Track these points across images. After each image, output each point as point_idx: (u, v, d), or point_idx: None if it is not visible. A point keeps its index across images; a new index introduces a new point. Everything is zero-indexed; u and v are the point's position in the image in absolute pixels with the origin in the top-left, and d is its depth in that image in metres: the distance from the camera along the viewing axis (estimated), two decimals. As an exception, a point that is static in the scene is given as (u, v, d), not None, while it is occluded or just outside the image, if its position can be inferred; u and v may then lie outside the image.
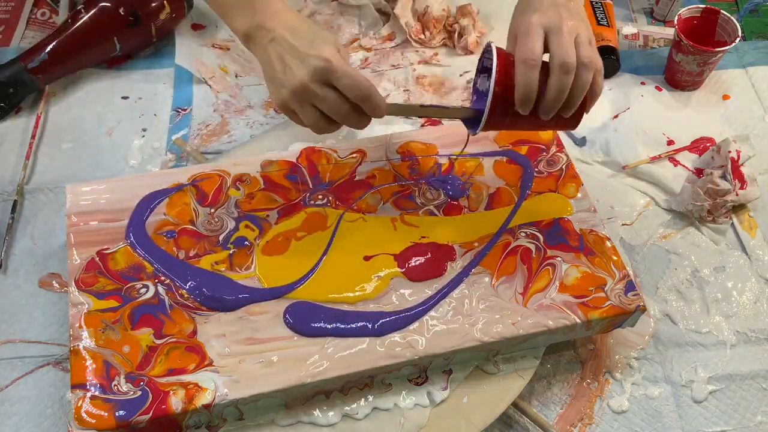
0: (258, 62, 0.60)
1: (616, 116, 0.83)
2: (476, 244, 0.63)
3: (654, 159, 0.79)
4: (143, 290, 0.59)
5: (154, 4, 0.84)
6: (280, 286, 0.60)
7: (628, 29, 0.95)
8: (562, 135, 0.80)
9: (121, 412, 0.52)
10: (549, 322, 0.59)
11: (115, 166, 0.79)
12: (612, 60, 0.87)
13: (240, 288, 0.60)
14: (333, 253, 0.62)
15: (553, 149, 0.71)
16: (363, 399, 0.58)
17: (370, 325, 0.58)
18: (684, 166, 0.79)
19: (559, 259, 0.63)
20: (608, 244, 0.64)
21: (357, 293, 0.60)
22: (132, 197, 0.65)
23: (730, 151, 0.75)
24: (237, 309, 0.58)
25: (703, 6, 0.85)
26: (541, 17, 0.56)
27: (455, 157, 0.69)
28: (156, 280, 0.60)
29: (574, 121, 0.58)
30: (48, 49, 0.80)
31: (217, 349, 0.56)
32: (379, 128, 0.80)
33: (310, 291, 0.60)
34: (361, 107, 0.56)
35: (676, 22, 0.83)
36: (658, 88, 0.87)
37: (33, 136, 0.79)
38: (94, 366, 0.54)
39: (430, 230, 0.64)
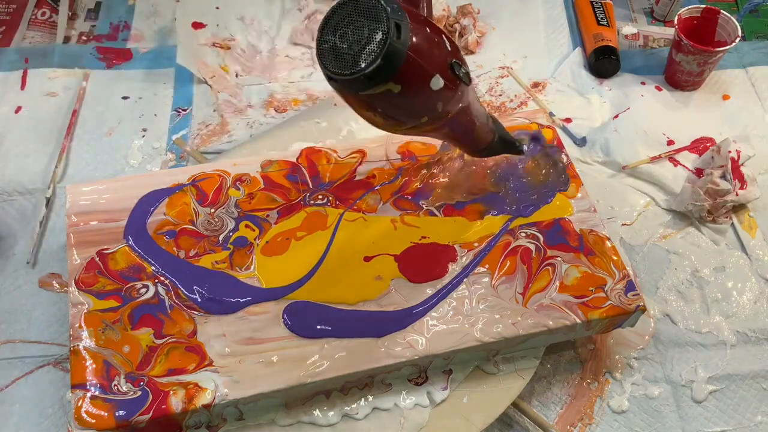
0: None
1: (616, 116, 0.83)
2: (476, 244, 0.63)
3: (654, 159, 0.79)
4: (143, 290, 0.59)
5: None
6: (279, 286, 0.60)
7: (628, 29, 0.95)
8: (562, 135, 0.80)
9: (121, 412, 0.52)
10: (549, 322, 0.59)
11: (115, 166, 0.79)
12: (612, 60, 0.87)
13: (240, 287, 0.60)
14: (333, 254, 0.62)
15: (553, 149, 0.70)
16: (363, 399, 0.58)
17: (370, 326, 0.58)
18: (684, 166, 0.79)
19: (559, 259, 0.63)
20: (608, 244, 0.64)
21: (357, 294, 0.60)
22: (132, 197, 0.65)
23: (730, 151, 0.75)
24: (237, 311, 0.58)
25: (703, 6, 0.85)
26: None
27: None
28: (156, 280, 0.60)
29: None
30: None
31: (217, 349, 0.56)
32: (379, 128, 0.80)
33: (309, 291, 0.60)
34: None
35: (676, 22, 0.83)
36: (658, 88, 0.87)
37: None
38: (94, 366, 0.54)
39: (431, 231, 0.64)
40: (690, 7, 0.85)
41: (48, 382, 0.63)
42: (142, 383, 0.54)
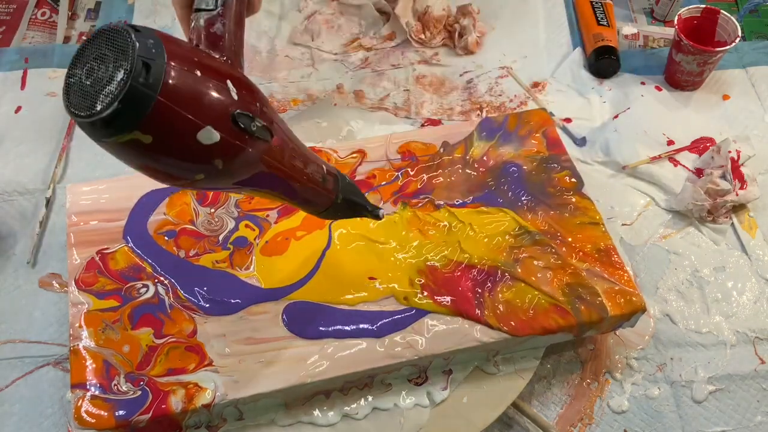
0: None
1: (616, 116, 0.83)
2: (476, 244, 0.63)
3: (654, 159, 0.79)
4: (143, 290, 0.59)
5: None
6: (279, 287, 0.60)
7: (628, 29, 0.95)
8: (562, 135, 0.80)
9: (121, 412, 0.52)
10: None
11: (115, 166, 0.78)
12: (612, 60, 0.87)
13: (241, 287, 0.60)
14: (333, 254, 0.62)
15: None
16: (363, 399, 0.58)
17: (369, 326, 0.58)
18: (684, 166, 0.79)
19: (559, 259, 0.63)
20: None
21: (357, 294, 0.60)
22: (132, 197, 0.65)
23: (730, 151, 0.75)
24: (237, 311, 0.58)
25: (703, 6, 0.85)
26: None
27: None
28: (156, 280, 0.60)
29: None
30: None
31: (217, 349, 0.56)
32: (378, 128, 0.80)
33: (309, 292, 0.60)
34: None
35: (676, 22, 0.83)
36: (658, 88, 0.87)
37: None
38: (94, 366, 0.54)
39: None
40: (690, 7, 0.85)
41: (48, 382, 0.63)
42: (142, 383, 0.54)
